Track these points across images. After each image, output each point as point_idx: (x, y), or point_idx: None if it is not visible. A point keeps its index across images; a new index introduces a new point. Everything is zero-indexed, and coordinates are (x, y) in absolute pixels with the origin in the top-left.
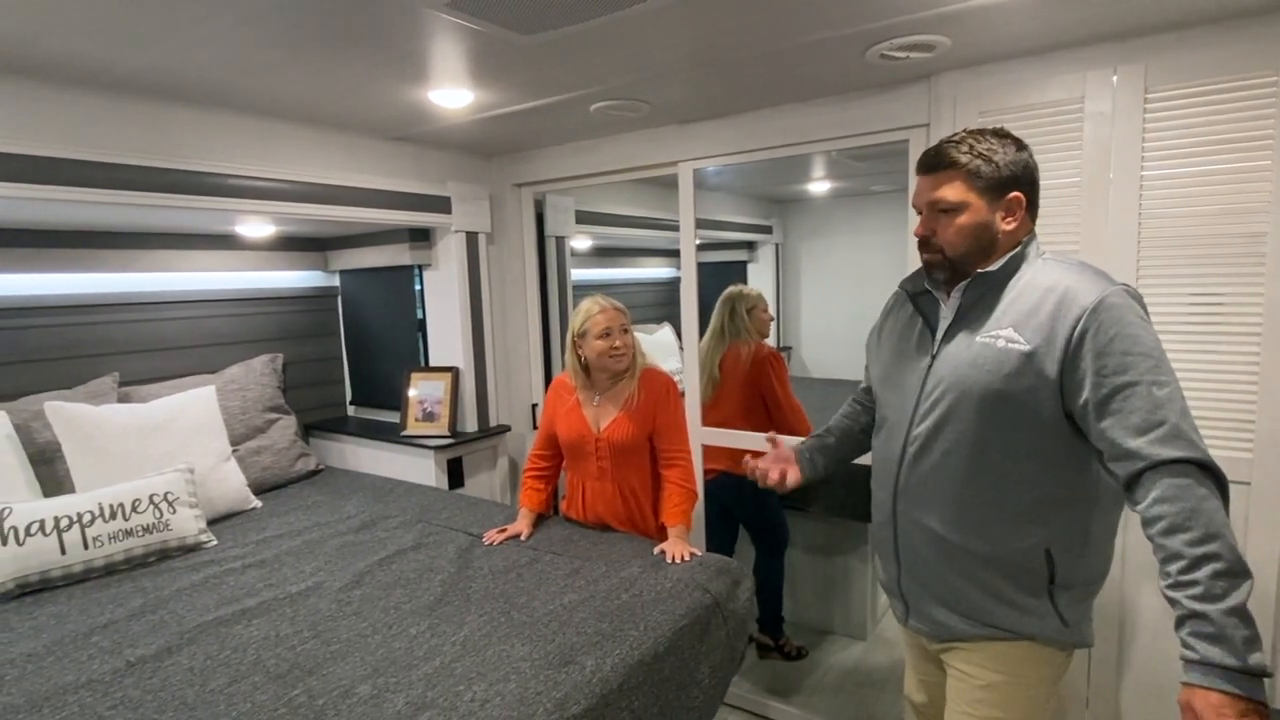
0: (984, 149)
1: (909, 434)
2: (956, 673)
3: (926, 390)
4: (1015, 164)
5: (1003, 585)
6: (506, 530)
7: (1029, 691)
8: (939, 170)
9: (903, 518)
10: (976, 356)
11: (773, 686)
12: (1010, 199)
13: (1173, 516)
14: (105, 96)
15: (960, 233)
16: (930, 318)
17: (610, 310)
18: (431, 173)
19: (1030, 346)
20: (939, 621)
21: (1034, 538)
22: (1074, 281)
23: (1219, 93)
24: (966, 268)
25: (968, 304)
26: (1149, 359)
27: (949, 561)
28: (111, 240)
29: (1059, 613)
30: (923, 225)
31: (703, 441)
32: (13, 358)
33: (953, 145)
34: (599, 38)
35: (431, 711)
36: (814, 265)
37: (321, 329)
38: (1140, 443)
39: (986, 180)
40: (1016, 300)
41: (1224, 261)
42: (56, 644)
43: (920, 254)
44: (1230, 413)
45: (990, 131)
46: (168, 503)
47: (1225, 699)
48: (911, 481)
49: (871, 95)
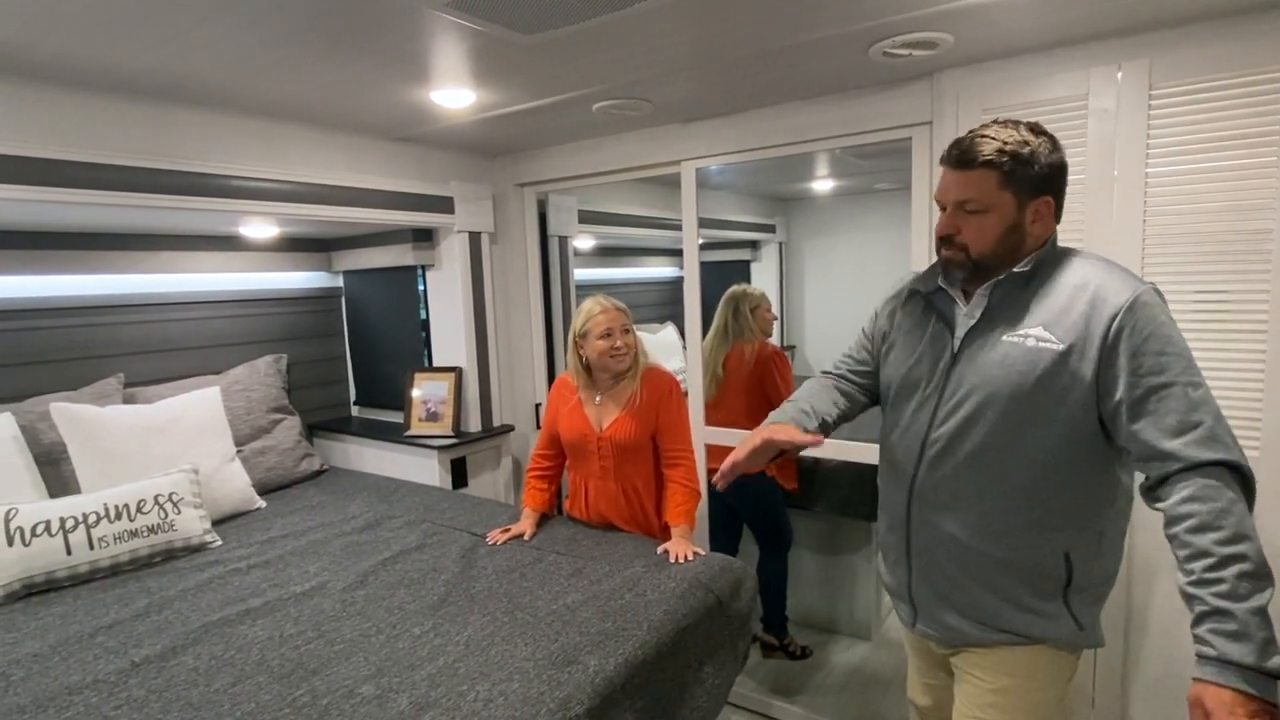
0: (1020, 149)
1: (928, 436)
2: (967, 676)
3: (948, 392)
4: (1051, 165)
5: (1020, 590)
6: (510, 530)
7: (1041, 695)
8: (971, 167)
9: (918, 521)
10: (1005, 357)
11: (777, 686)
12: (1040, 202)
13: (1203, 515)
14: (109, 98)
15: (988, 234)
16: (946, 316)
17: (611, 310)
18: (434, 173)
19: (1064, 345)
20: (951, 627)
21: (1055, 542)
22: (1103, 279)
23: (1224, 89)
24: (990, 269)
25: (994, 304)
26: (1182, 359)
27: (965, 566)
28: (116, 242)
29: (1074, 616)
30: (946, 223)
31: (706, 441)
32: (18, 359)
33: (987, 140)
34: (601, 37)
35: (435, 711)
36: (817, 264)
37: (325, 329)
38: (1176, 444)
39: (1020, 183)
40: (1044, 299)
41: (1229, 259)
42: (62, 644)
43: (940, 251)
44: (1237, 411)
45: (1026, 126)
46: (172, 503)
47: (1239, 697)
48: (930, 484)
49: (874, 93)
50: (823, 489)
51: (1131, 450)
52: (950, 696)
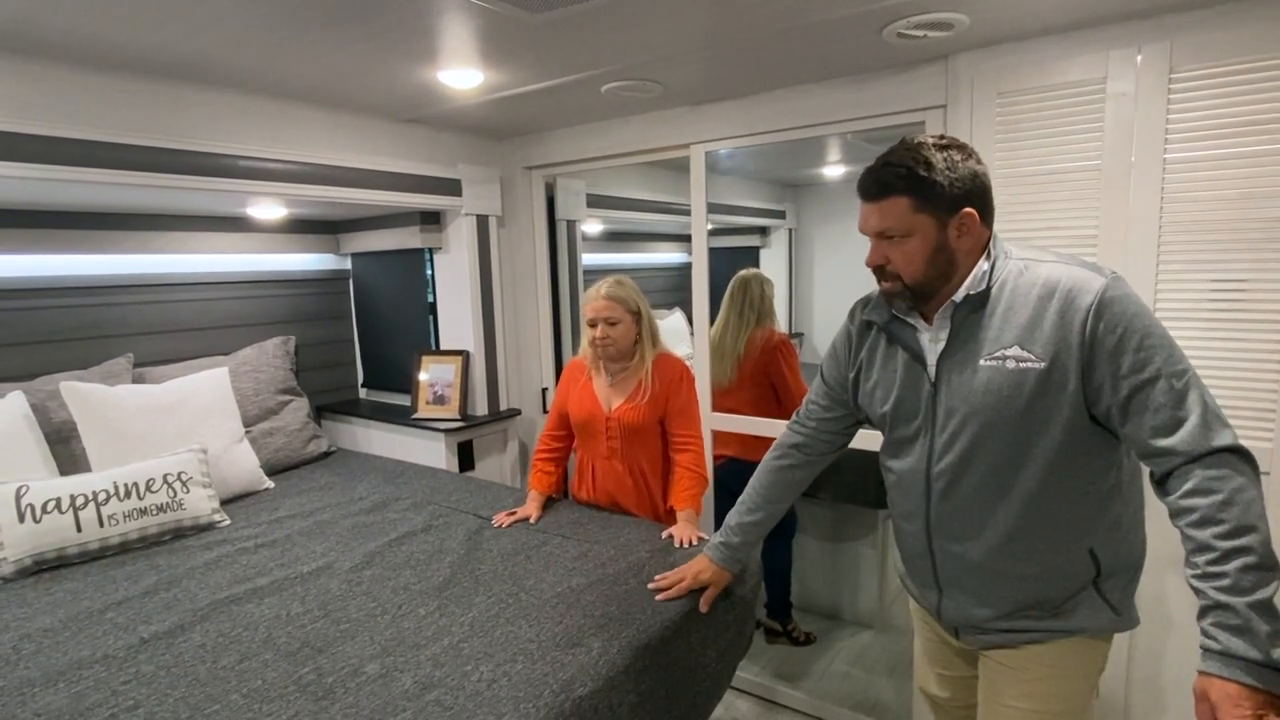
0: (925, 169)
1: (930, 469)
2: (997, 665)
3: (940, 423)
4: (962, 180)
5: (1053, 594)
6: (516, 513)
7: (1074, 684)
8: (882, 197)
9: (941, 553)
10: (988, 382)
11: (780, 671)
12: (962, 216)
13: (1205, 510)
14: (116, 77)
15: (914, 259)
16: (910, 346)
17: (599, 301)
18: (442, 155)
19: (1045, 363)
20: (990, 634)
21: (1078, 543)
22: (1066, 281)
23: (1246, 73)
24: (929, 292)
25: (958, 325)
26: (1161, 349)
27: (997, 587)
28: (126, 222)
29: (1108, 602)
30: (873, 255)
31: (713, 427)
32: (29, 338)
33: (890, 169)
34: (609, 16)
35: (439, 690)
36: (827, 251)
37: (333, 312)
38: (1169, 441)
39: (934, 202)
40: (1009, 313)
41: (1247, 247)
42: (72, 620)
43: (878, 283)
44: (1252, 401)
45: (932, 144)
46: (181, 482)
47: (1244, 691)
48: (945, 516)
49: (887, 76)
50: (828, 476)
51: (1133, 449)
52: (969, 687)
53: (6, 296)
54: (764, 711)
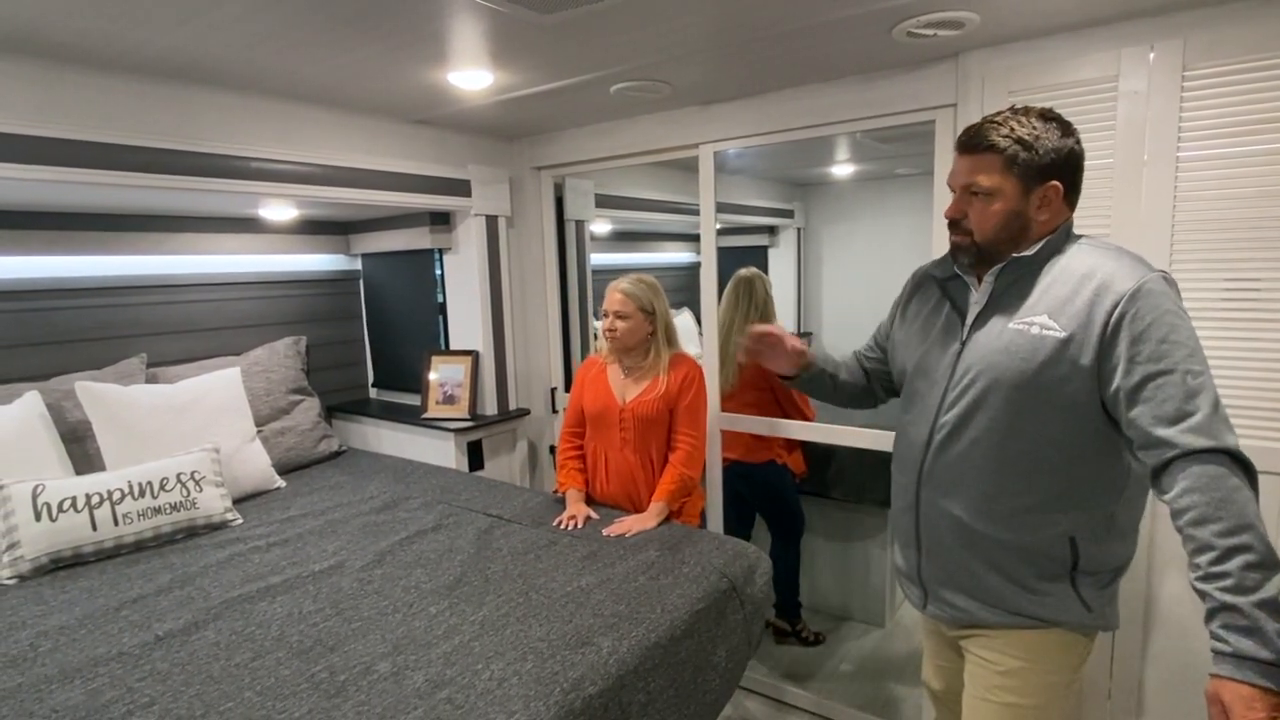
0: (1025, 133)
1: (936, 420)
2: (976, 658)
3: (956, 377)
4: (1057, 151)
5: (1025, 572)
6: (575, 516)
7: (1049, 678)
8: (977, 152)
9: (926, 504)
10: (1010, 344)
11: (790, 671)
12: (1047, 188)
13: (1202, 507)
14: (130, 80)
15: (991, 219)
16: (959, 303)
17: (615, 294)
18: (452, 156)
19: (1066, 333)
20: (959, 608)
21: (1059, 526)
22: (1111, 267)
23: (1260, 70)
24: (995, 254)
25: (1000, 289)
26: (1184, 348)
27: (972, 549)
28: (139, 223)
29: (1081, 598)
30: (954, 206)
31: (721, 427)
32: (45, 339)
33: (993, 126)
34: (619, 17)
35: (450, 689)
36: (836, 250)
37: (344, 312)
38: (1171, 432)
39: (1023, 167)
40: (1051, 286)
41: (1261, 246)
42: (88, 617)
43: (950, 235)
44: (1266, 401)
45: (1036, 112)
46: (194, 481)
47: (1256, 692)
48: (937, 468)
49: (897, 74)
50: (837, 475)
51: (1132, 438)
52: (962, 679)
53: (22, 297)
54: (773, 711)
